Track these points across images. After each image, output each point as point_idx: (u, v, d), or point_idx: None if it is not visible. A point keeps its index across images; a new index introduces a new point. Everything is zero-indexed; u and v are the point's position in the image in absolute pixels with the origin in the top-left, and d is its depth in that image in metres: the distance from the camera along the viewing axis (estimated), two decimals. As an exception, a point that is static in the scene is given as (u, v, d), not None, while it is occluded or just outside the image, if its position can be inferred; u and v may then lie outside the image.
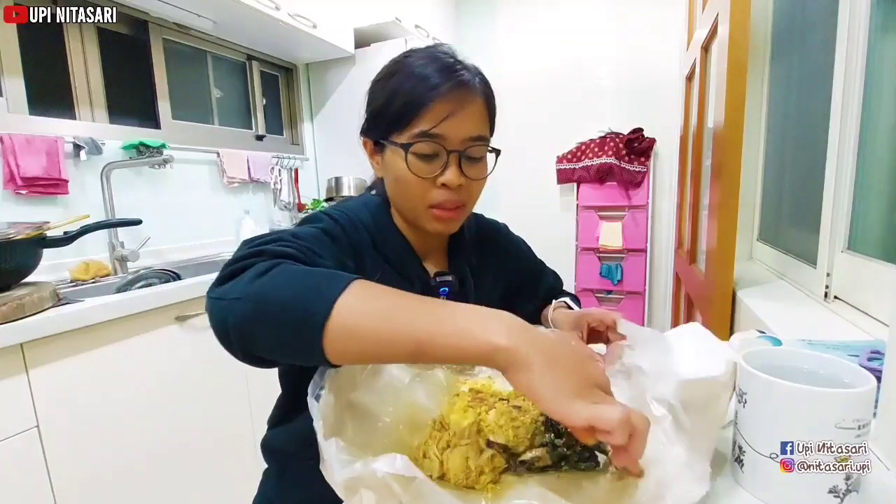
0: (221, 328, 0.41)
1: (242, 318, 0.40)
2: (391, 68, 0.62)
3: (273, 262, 0.42)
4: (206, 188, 1.93)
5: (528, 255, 0.85)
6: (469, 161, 0.60)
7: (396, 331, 0.36)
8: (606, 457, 0.43)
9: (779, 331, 0.77)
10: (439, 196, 0.59)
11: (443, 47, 0.62)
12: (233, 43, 2.07)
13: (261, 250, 0.44)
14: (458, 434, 0.44)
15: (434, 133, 0.56)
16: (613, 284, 2.72)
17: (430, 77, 0.57)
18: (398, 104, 0.58)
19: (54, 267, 1.32)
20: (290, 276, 0.41)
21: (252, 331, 0.40)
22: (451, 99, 0.56)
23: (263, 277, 0.40)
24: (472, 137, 0.59)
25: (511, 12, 2.85)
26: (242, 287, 0.41)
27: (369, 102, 0.64)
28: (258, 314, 0.39)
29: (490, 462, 0.42)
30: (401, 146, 0.58)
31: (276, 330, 0.39)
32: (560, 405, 0.33)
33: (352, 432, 0.43)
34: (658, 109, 2.55)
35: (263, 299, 0.39)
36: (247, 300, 0.40)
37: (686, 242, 1.87)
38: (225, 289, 0.42)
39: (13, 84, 1.34)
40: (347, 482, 0.34)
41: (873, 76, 0.90)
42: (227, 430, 1.32)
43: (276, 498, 0.68)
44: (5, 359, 0.87)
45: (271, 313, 0.39)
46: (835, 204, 0.96)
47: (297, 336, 0.38)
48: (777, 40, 1.52)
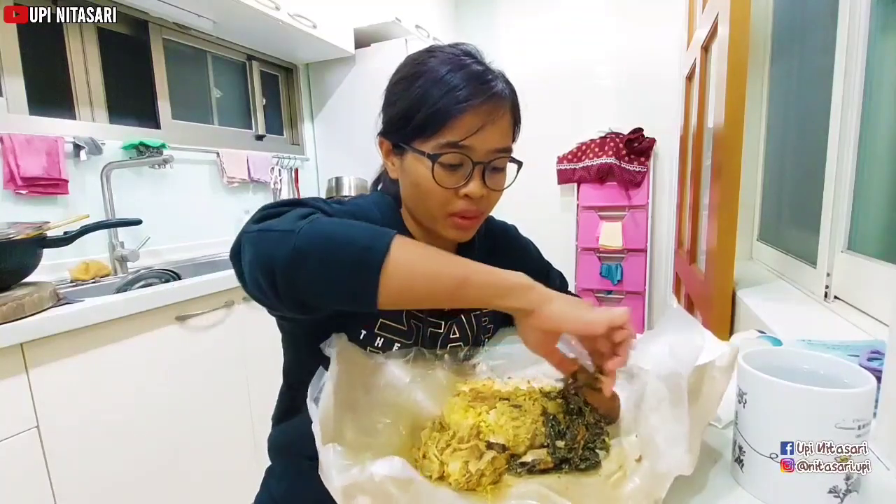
0: (266, 263, 0.40)
1: (296, 251, 0.39)
2: (414, 69, 0.59)
3: (312, 210, 0.44)
4: (206, 188, 1.93)
5: (537, 257, 0.85)
6: (492, 172, 0.59)
7: (442, 271, 0.43)
8: (606, 453, 0.44)
9: (779, 331, 0.77)
10: (460, 205, 0.58)
11: (468, 48, 0.60)
12: (233, 43, 2.07)
13: (297, 200, 0.46)
14: (457, 437, 0.44)
15: (463, 145, 0.55)
16: (613, 284, 2.72)
17: (459, 87, 0.55)
18: (425, 112, 0.56)
19: (54, 267, 1.32)
20: (336, 222, 0.43)
21: (306, 266, 0.40)
22: (482, 112, 0.55)
23: (308, 219, 0.41)
24: (498, 149, 0.58)
25: (511, 12, 2.86)
26: (291, 222, 0.41)
27: (389, 103, 0.61)
28: (315, 248, 0.39)
29: (490, 465, 0.42)
30: (428, 156, 0.56)
31: (331, 266, 0.40)
32: (586, 318, 0.43)
33: (352, 434, 0.43)
34: (658, 109, 2.55)
35: (320, 235, 0.40)
36: (302, 235, 0.40)
37: (686, 242, 1.87)
38: (271, 223, 0.42)
39: (13, 84, 1.34)
40: (346, 489, 0.34)
41: (873, 76, 0.90)
42: (227, 429, 1.32)
43: (279, 496, 0.68)
44: (5, 359, 0.87)
45: (329, 249, 0.40)
46: (835, 204, 0.96)
47: (355, 273, 0.40)
48: (777, 40, 1.52)
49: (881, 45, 0.89)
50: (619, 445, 0.46)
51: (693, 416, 0.40)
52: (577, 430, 0.45)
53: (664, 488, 0.37)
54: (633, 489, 0.39)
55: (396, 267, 0.40)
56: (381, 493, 0.34)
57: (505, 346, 0.68)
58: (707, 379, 0.42)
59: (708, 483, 0.42)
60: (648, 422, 0.44)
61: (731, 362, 0.42)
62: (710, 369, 0.42)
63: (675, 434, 0.39)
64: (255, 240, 0.42)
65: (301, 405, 0.67)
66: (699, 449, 0.39)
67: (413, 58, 0.61)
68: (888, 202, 0.93)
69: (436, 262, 0.43)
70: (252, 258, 0.42)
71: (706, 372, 0.42)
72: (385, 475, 0.33)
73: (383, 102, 0.63)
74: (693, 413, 0.40)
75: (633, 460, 0.42)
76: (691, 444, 0.38)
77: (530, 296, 0.44)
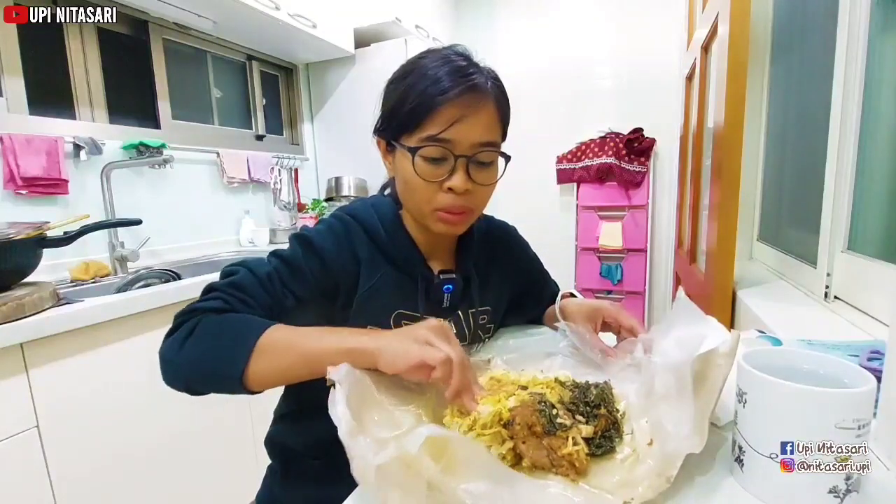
0: (168, 383, 0.54)
1: (178, 379, 0.53)
2: (406, 69, 0.61)
3: (198, 320, 0.53)
4: (206, 188, 1.93)
5: (536, 260, 0.85)
6: (477, 166, 0.59)
7: (294, 361, 0.49)
8: (620, 440, 0.46)
9: (779, 331, 0.77)
10: (445, 200, 0.59)
11: (457, 48, 0.61)
12: (233, 43, 2.07)
13: (193, 308, 0.55)
14: (480, 423, 0.45)
15: (442, 137, 0.56)
16: (613, 284, 2.72)
17: (440, 80, 0.56)
18: (408, 107, 0.57)
19: (54, 267, 1.32)
20: (205, 340, 0.52)
21: (189, 385, 0.53)
22: (460, 103, 0.55)
23: (189, 339, 0.52)
24: (482, 143, 0.58)
25: (511, 12, 2.85)
26: (175, 351, 0.52)
27: (383, 102, 0.63)
28: (190, 376, 0.53)
29: (511, 451, 0.44)
30: (409, 149, 0.57)
31: (206, 384, 0.53)
32: (397, 357, 0.45)
33: (374, 430, 0.43)
34: (658, 109, 2.54)
35: (190, 363, 0.52)
36: (178, 366, 0.53)
37: (686, 242, 1.87)
38: (165, 349, 0.53)
39: (13, 84, 1.34)
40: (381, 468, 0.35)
41: (873, 76, 0.90)
42: (227, 429, 1.32)
43: (281, 495, 0.68)
44: (5, 359, 0.87)
45: (199, 376, 0.53)
46: (835, 204, 0.96)
47: (224, 386, 0.51)
48: (777, 40, 1.52)
49: (881, 45, 0.89)
50: (631, 432, 0.48)
51: (699, 400, 0.42)
52: (599, 419, 0.46)
53: (675, 467, 0.38)
54: (647, 470, 0.41)
55: (255, 374, 0.49)
56: (414, 472, 0.35)
57: (517, 339, 0.69)
58: (712, 366, 0.43)
59: (708, 483, 0.42)
60: (658, 409, 0.47)
61: (734, 348, 0.43)
62: (714, 356, 0.43)
63: (684, 417, 0.42)
64: (159, 362, 0.54)
65: (303, 404, 0.67)
66: (707, 430, 0.40)
67: (409, 59, 0.63)
68: (888, 202, 0.93)
69: (288, 354, 0.49)
70: (162, 376, 0.54)
71: (710, 359, 0.44)
72: (427, 434, 0.36)
73: (380, 103, 0.64)
74: (699, 397, 0.42)
75: (645, 444, 0.44)
76: (699, 425, 0.40)
77: (366, 357, 0.47)
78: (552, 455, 0.42)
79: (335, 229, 0.63)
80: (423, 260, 0.66)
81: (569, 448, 0.42)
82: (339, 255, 0.61)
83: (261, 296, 0.56)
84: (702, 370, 0.44)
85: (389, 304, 0.62)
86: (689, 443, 0.39)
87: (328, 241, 0.61)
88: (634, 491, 0.38)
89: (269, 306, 0.56)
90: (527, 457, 0.43)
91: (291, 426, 0.69)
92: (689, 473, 0.41)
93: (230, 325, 0.52)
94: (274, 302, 0.57)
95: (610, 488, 0.40)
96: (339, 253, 0.61)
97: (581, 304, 0.73)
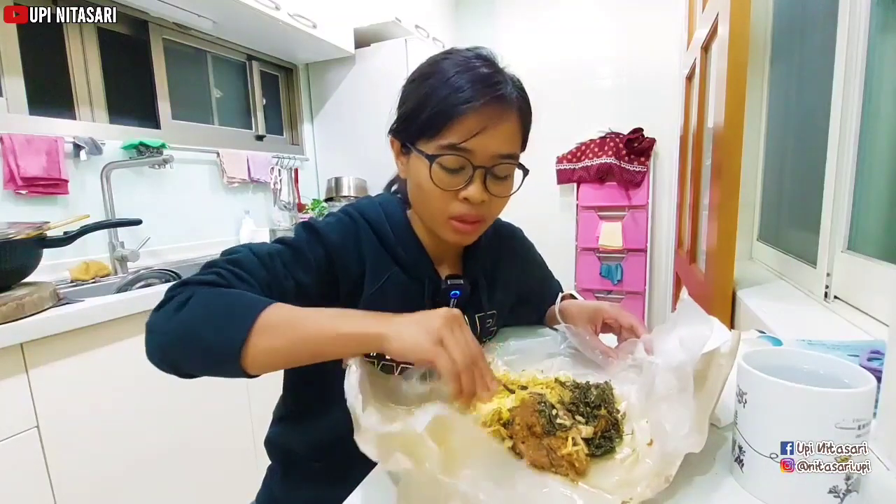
0: (152, 358, 0.48)
1: (165, 353, 0.47)
2: (426, 70, 0.59)
3: (191, 292, 0.48)
4: (206, 188, 1.93)
5: (540, 261, 0.85)
6: (495, 178, 0.58)
7: (297, 346, 0.45)
8: (620, 440, 0.46)
9: (779, 331, 0.77)
10: (460, 209, 0.58)
11: (482, 51, 0.60)
12: (233, 43, 2.07)
13: (212, 263, 0.51)
14: (480, 421, 0.45)
15: (462, 147, 0.54)
16: (613, 284, 2.72)
17: (464, 88, 0.54)
18: (429, 112, 0.55)
19: (54, 267, 1.32)
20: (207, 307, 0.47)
21: (176, 363, 0.47)
22: (484, 114, 0.54)
23: (182, 311, 0.46)
24: (502, 155, 0.57)
25: (511, 12, 2.85)
26: (164, 322, 0.47)
27: (401, 102, 0.61)
28: (180, 351, 0.47)
29: (511, 451, 0.44)
30: (427, 156, 0.56)
31: (196, 361, 0.47)
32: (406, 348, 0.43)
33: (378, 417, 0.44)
34: (658, 109, 2.54)
35: (179, 340, 0.46)
36: (167, 338, 0.47)
37: (686, 242, 1.87)
38: (153, 320, 0.48)
39: (13, 84, 1.34)
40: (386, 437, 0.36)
41: (873, 76, 0.90)
42: (228, 429, 1.32)
43: (281, 496, 0.68)
44: (5, 359, 0.87)
45: (190, 352, 0.46)
46: (835, 204, 0.96)
47: (218, 364, 0.46)
48: (777, 40, 1.52)
49: (881, 45, 0.89)
50: (632, 432, 0.48)
51: (699, 400, 0.42)
52: (599, 419, 0.46)
53: (675, 466, 0.38)
54: (646, 469, 0.41)
55: (255, 353, 0.44)
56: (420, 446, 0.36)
57: (516, 341, 0.69)
58: (713, 366, 0.44)
59: (708, 483, 0.42)
60: (659, 409, 0.47)
61: (735, 348, 0.44)
62: (715, 356, 0.44)
63: (683, 417, 0.42)
64: (145, 336, 0.48)
65: (303, 406, 0.67)
66: (707, 429, 0.40)
67: (430, 58, 0.61)
68: (888, 202, 0.93)
69: (293, 332, 0.45)
70: (145, 350, 0.48)
71: (712, 359, 0.44)
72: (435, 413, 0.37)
73: (397, 102, 0.62)
74: (699, 397, 0.42)
75: (645, 444, 0.45)
76: (699, 424, 0.40)
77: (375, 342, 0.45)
78: (552, 455, 0.42)
79: (344, 223, 0.61)
80: (431, 263, 0.65)
81: (568, 448, 0.42)
82: (344, 249, 0.59)
83: (260, 273, 0.53)
84: (703, 370, 0.44)
85: (395, 307, 0.62)
86: (689, 442, 0.39)
87: (335, 233, 0.59)
88: (633, 490, 0.38)
89: (268, 284, 0.53)
90: (526, 457, 0.43)
91: (291, 427, 0.69)
92: (689, 473, 0.42)
93: (229, 298, 0.48)
94: (273, 280, 0.54)
95: (609, 488, 0.40)
96: (344, 247, 0.60)
97: (581, 306, 0.73)
